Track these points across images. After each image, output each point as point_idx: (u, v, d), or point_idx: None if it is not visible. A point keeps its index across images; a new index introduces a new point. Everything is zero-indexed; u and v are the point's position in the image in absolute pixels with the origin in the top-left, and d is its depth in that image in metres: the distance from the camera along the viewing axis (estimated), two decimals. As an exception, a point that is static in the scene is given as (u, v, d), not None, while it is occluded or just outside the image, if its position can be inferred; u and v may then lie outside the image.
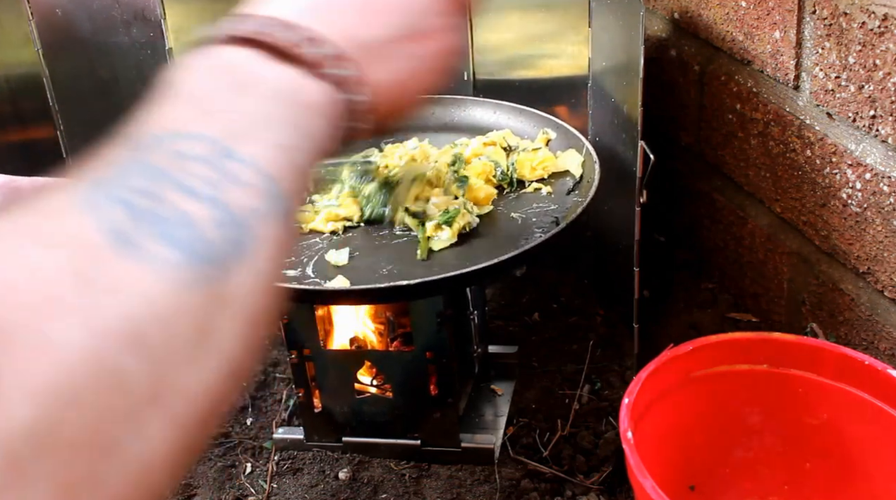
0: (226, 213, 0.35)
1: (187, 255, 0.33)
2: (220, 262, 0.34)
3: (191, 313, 0.32)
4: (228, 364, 0.34)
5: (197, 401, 0.32)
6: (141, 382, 0.30)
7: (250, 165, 0.38)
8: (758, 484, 0.99)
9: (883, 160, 0.97)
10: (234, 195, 0.36)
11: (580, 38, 1.23)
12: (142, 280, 0.31)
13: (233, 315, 0.34)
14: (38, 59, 1.25)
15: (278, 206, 0.38)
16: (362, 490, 1.08)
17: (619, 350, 1.27)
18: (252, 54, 0.43)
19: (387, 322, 1.09)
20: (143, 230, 0.32)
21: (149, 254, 0.32)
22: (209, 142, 0.38)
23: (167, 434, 0.31)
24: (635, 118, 1.07)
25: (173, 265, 0.32)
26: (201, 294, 0.33)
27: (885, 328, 1.03)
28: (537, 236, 0.96)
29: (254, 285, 0.35)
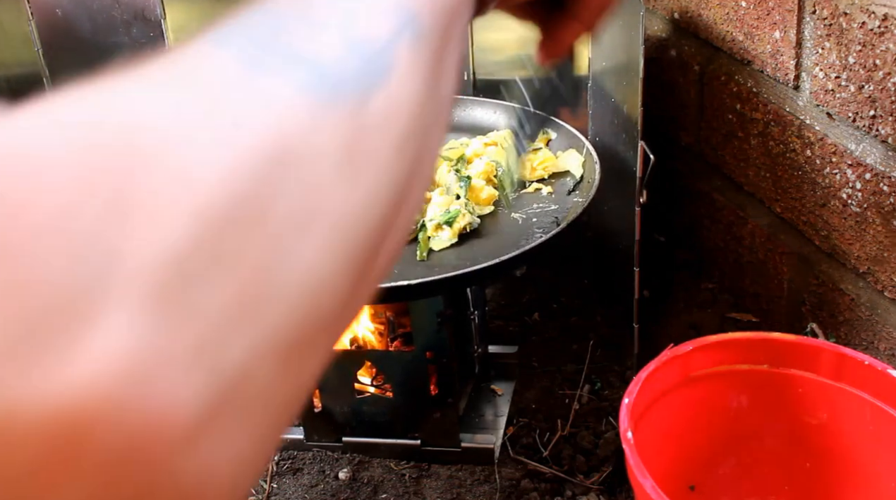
0: (356, 37, 0.34)
1: (318, 77, 0.32)
2: (354, 85, 0.33)
3: (331, 134, 0.31)
4: (386, 185, 0.33)
5: (356, 220, 0.31)
6: (292, 202, 0.29)
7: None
8: (758, 484, 0.99)
9: (883, 160, 0.97)
10: (365, 22, 0.35)
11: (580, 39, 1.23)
12: (277, 100, 0.30)
13: (379, 138, 0.33)
14: (38, 59, 1.25)
15: (413, 28, 0.37)
16: (362, 490, 1.08)
17: (619, 350, 1.27)
18: None
19: (387, 322, 1.09)
20: (277, 57, 0.31)
21: (285, 76, 0.31)
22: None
23: (329, 255, 0.30)
24: (635, 118, 1.07)
25: (310, 85, 0.31)
26: (339, 116, 0.32)
27: (885, 328, 1.03)
28: (538, 237, 0.96)
29: (398, 108, 0.34)
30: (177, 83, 0.30)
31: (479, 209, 1.02)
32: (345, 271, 0.31)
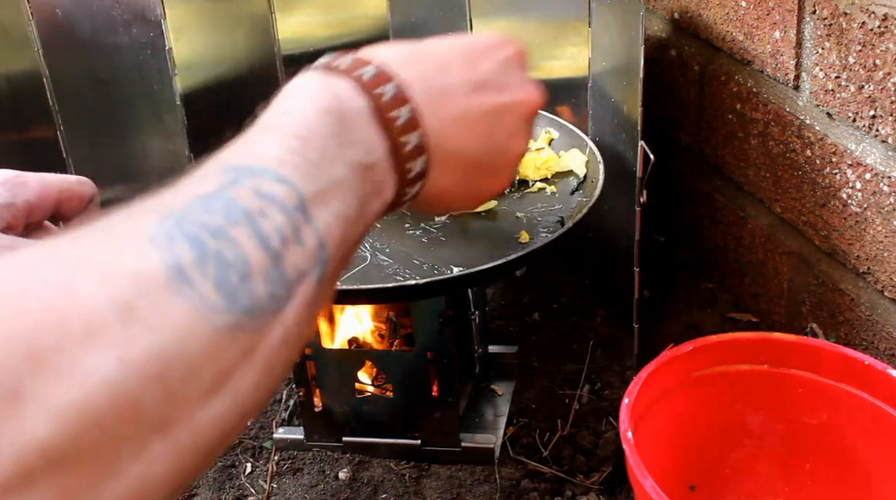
0: (279, 270, 0.37)
1: (233, 303, 0.34)
2: (259, 315, 0.35)
3: (218, 357, 0.34)
4: (240, 406, 0.36)
5: (203, 434, 0.34)
6: (154, 412, 0.32)
7: (315, 227, 0.39)
8: (758, 484, 0.99)
9: (883, 160, 0.97)
10: (293, 254, 0.37)
11: (580, 39, 1.23)
12: (185, 320, 0.33)
13: (255, 364, 0.36)
14: (38, 59, 1.25)
15: (321, 270, 0.39)
16: (362, 490, 1.08)
17: (619, 350, 1.27)
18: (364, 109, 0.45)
19: (388, 322, 1.09)
20: (202, 272, 0.34)
21: (199, 296, 0.33)
22: (294, 193, 0.39)
23: (169, 461, 0.33)
24: (635, 118, 1.07)
25: (218, 311, 0.34)
26: (233, 341, 0.34)
27: (885, 328, 1.03)
28: (543, 236, 0.96)
29: (280, 341, 0.37)
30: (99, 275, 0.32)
31: None
32: (178, 475, 0.34)
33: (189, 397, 0.33)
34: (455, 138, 0.49)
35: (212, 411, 0.34)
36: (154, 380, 0.31)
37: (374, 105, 0.45)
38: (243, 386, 0.35)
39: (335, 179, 0.41)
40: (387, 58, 0.48)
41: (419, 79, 0.48)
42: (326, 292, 0.41)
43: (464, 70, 0.51)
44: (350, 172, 0.42)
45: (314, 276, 0.39)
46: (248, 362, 0.35)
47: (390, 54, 0.49)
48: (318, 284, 0.39)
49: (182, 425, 0.33)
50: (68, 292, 0.31)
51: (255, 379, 0.36)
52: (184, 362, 0.32)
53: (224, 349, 0.34)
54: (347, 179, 0.42)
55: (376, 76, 0.46)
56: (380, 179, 0.45)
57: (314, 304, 0.40)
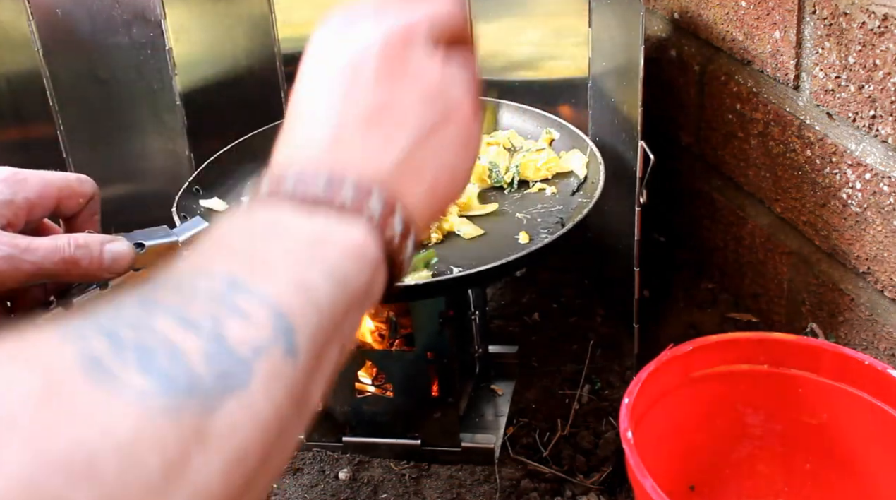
0: (221, 346, 0.34)
1: (164, 384, 0.32)
2: (204, 395, 0.33)
3: (159, 444, 0.31)
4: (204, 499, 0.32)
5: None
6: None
7: (260, 298, 0.37)
8: (758, 484, 0.99)
9: (883, 160, 0.97)
10: (235, 328, 0.35)
11: (580, 39, 1.23)
12: (106, 408, 0.30)
13: (216, 451, 0.33)
14: (38, 59, 1.25)
15: (287, 342, 0.37)
16: (362, 490, 1.08)
17: (619, 350, 1.27)
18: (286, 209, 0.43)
19: (388, 322, 1.09)
20: (122, 359, 0.32)
21: (121, 382, 0.31)
22: (222, 277, 0.37)
23: None
24: (635, 118, 1.07)
25: (146, 394, 0.31)
26: (175, 426, 0.31)
27: (885, 328, 1.03)
28: (543, 237, 0.96)
29: (247, 422, 0.34)
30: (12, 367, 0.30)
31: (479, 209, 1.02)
32: None
33: (131, 493, 0.29)
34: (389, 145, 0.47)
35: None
36: (79, 477, 0.28)
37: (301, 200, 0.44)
38: (203, 476, 0.32)
39: (271, 254, 0.40)
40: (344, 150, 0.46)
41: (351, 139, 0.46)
42: (314, 370, 0.39)
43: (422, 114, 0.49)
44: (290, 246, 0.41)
45: (279, 349, 0.36)
46: (203, 447, 0.32)
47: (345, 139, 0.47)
48: (289, 358, 0.37)
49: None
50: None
51: (219, 467, 0.32)
52: (117, 454, 0.29)
53: (168, 436, 0.31)
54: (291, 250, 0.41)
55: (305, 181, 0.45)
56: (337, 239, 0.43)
57: (294, 381, 0.37)
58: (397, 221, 0.45)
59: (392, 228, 0.45)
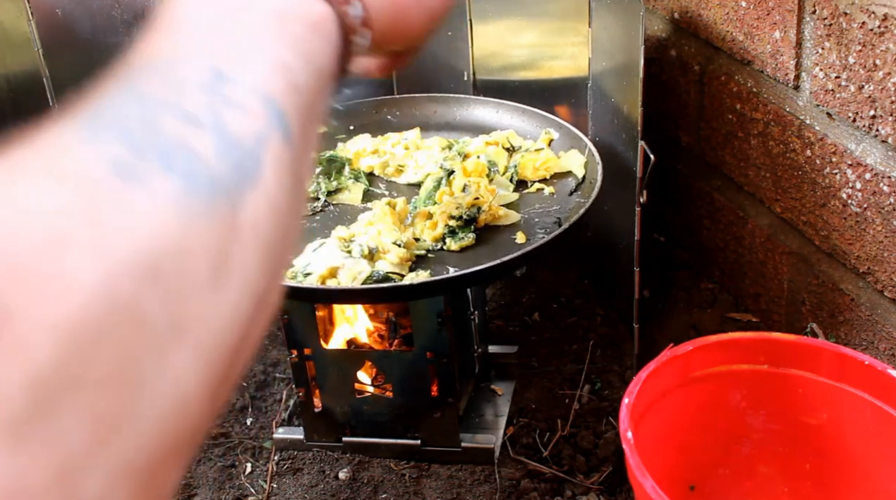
0: (228, 139, 0.34)
1: (192, 185, 0.32)
2: (227, 190, 0.33)
3: (203, 243, 0.31)
4: (251, 292, 0.33)
5: (223, 331, 0.32)
6: (161, 315, 0.29)
7: (249, 86, 0.37)
8: (758, 484, 0.99)
9: (883, 160, 0.97)
10: (235, 119, 0.35)
11: (580, 39, 1.23)
12: (149, 212, 0.30)
13: (249, 243, 0.33)
14: (38, 59, 1.25)
15: (282, 126, 0.37)
16: (362, 490, 1.08)
17: (619, 350, 1.27)
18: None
19: (388, 322, 1.09)
20: (144, 161, 0.31)
21: (153, 186, 0.31)
22: (204, 66, 0.37)
23: (196, 367, 0.30)
24: (635, 118, 1.07)
25: (179, 196, 0.31)
26: (211, 223, 0.32)
27: (885, 328, 1.03)
28: (540, 237, 0.96)
29: (267, 211, 0.35)
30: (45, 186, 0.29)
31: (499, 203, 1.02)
32: (210, 382, 0.31)
33: (193, 294, 0.30)
34: None
35: (225, 304, 0.32)
36: (147, 281, 0.29)
37: None
38: (246, 268, 0.33)
39: (243, 35, 0.39)
40: None
41: None
42: (304, 151, 0.39)
43: None
44: (258, 22, 0.40)
45: (278, 135, 0.36)
46: (240, 241, 0.33)
47: None
48: (287, 142, 0.37)
49: (197, 325, 0.30)
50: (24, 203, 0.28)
51: (256, 259, 0.34)
52: (171, 256, 0.30)
53: (208, 234, 0.31)
54: (260, 28, 0.40)
55: None
56: (300, 11, 0.42)
57: (294, 165, 0.37)
58: (357, 7, 0.45)
59: (352, 11, 0.45)
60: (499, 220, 1.00)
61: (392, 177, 1.12)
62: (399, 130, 1.19)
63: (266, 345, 1.35)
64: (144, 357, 0.28)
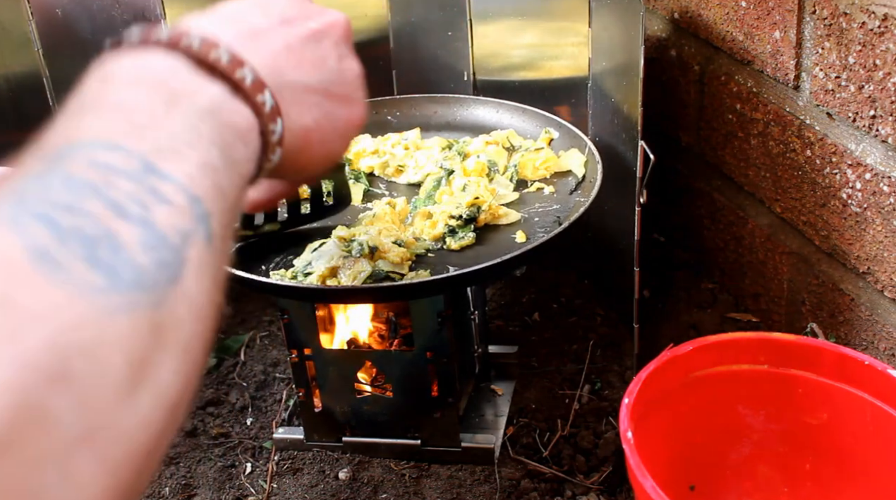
0: (155, 234, 0.33)
1: (115, 280, 0.31)
2: (152, 287, 0.32)
3: (121, 342, 0.30)
4: (165, 399, 0.32)
5: (133, 440, 0.30)
6: (69, 419, 0.28)
7: (177, 183, 0.36)
8: (758, 484, 0.99)
9: (883, 160, 0.97)
10: (163, 215, 0.34)
11: (580, 39, 1.23)
12: (67, 305, 0.29)
13: (168, 345, 0.32)
14: (38, 59, 1.25)
15: (206, 228, 0.36)
16: (362, 490, 1.08)
17: (619, 350, 1.27)
18: (179, 63, 0.43)
19: (388, 322, 1.09)
20: (68, 251, 0.30)
21: (75, 278, 0.30)
22: (133, 156, 0.36)
23: (100, 478, 0.29)
24: (635, 118, 1.07)
25: (101, 291, 0.30)
26: (132, 322, 0.30)
27: (885, 328, 1.03)
28: (540, 236, 0.96)
29: (187, 313, 0.34)
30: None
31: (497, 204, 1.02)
32: (118, 491, 0.29)
33: (106, 397, 0.29)
34: (289, 69, 0.49)
35: (138, 411, 0.30)
36: (58, 380, 0.27)
37: (188, 54, 0.43)
38: (164, 375, 0.32)
39: (175, 131, 0.39)
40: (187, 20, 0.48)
41: (224, 25, 0.47)
42: (222, 255, 0.39)
43: (262, 12, 0.52)
44: (190, 120, 0.40)
45: (201, 234, 0.36)
46: (161, 345, 0.31)
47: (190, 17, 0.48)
48: (208, 243, 0.36)
49: (108, 433, 0.29)
50: None
51: (173, 362, 0.32)
52: (85, 354, 0.28)
53: (129, 334, 0.30)
54: (190, 128, 0.40)
55: (177, 33, 0.44)
56: (231, 118, 0.43)
57: (212, 268, 0.36)
58: (279, 125, 0.47)
59: (274, 128, 0.47)
60: (499, 219, 1.00)
61: (392, 177, 1.12)
62: (399, 131, 1.19)
63: (266, 345, 1.35)
64: (48, 465, 0.27)
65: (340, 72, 0.55)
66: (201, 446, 1.18)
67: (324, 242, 0.97)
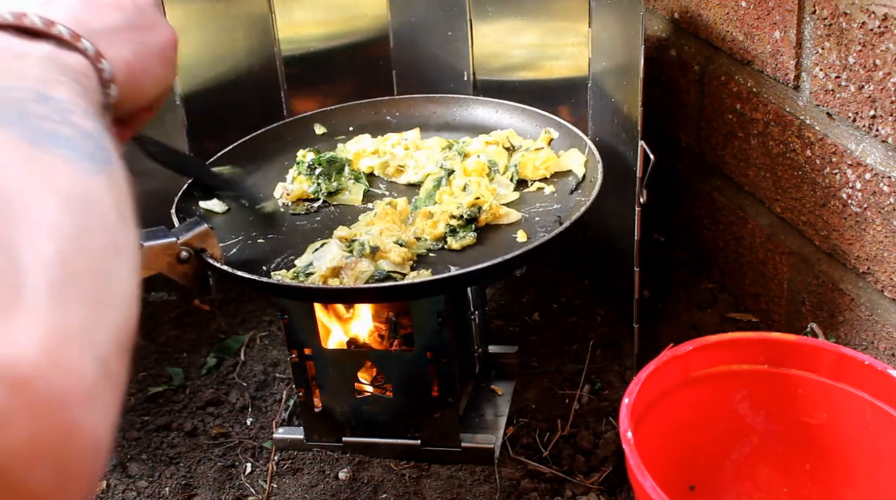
0: (81, 131, 0.43)
1: (82, 155, 0.41)
2: (103, 160, 0.43)
3: (107, 197, 0.41)
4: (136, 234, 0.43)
5: (134, 256, 0.42)
6: (104, 234, 0.39)
7: (68, 101, 0.46)
8: (758, 484, 0.99)
9: (883, 160, 0.97)
10: (76, 119, 0.44)
11: (580, 39, 1.23)
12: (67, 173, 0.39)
13: (125, 199, 0.43)
14: (38, 58, 1.25)
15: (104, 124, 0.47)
16: (362, 490, 1.08)
17: (619, 350, 1.27)
18: (6, 35, 0.50)
19: (388, 322, 1.09)
20: (45, 141, 0.40)
21: (59, 152, 0.40)
22: (26, 88, 0.45)
23: (131, 274, 0.40)
24: (635, 118, 1.07)
25: (77, 162, 0.40)
26: (104, 182, 0.41)
27: (885, 328, 1.03)
28: (540, 236, 0.96)
29: (123, 179, 0.44)
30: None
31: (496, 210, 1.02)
32: (136, 286, 0.41)
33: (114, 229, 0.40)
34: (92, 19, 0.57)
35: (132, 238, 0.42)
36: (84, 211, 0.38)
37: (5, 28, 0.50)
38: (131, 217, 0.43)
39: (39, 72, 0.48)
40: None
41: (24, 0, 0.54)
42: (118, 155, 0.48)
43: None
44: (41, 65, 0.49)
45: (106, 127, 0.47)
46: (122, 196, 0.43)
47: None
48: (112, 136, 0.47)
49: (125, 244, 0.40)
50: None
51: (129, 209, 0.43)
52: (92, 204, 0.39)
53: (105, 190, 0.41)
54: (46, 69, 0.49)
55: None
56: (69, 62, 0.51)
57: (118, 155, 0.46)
58: (106, 64, 0.55)
59: (103, 66, 0.55)
60: (500, 219, 1.00)
61: (392, 177, 1.12)
62: (399, 131, 1.19)
63: (266, 345, 1.35)
64: (103, 263, 0.38)
65: (136, 7, 0.62)
66: (201, 446, 1.18)
67: (325, 243, 0.97)
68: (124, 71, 0.58)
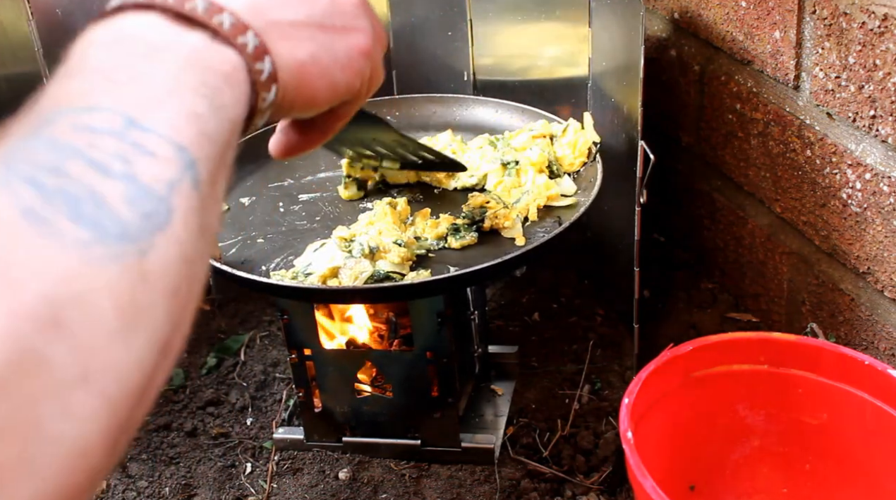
0: (137, 186, 0.35)
1: (99, 232, 0.33)
2: (136, 237, 0.34)
3: (109, 290, 0.32)
4: (157, 340, 0.34)
5: (127, 379, 0.33)
6: (65, 362, 0.30)
7: (159, 134, 0.38)
8: (758, 484, 0.99)
9: (883, 160, 0.97)
10: (145, 167, 0.36)
11: (580, 39, 1.23)
12: (57, 259, 0.31)
13: (156, 290, 0.35)
14: (38, 59, 1.25)
15: (192, 174, 0.38)
16: (362, 490, 1.08)
17: (619, 350, 1.27)
18: (156, 19, 0.44)
19: (388, 322, 1.09)
20: (54, 210, 0.32)
21: (62, 233, 0.32)
22: (115, 113, 0.38)
23: (100, 412, 0.31)
24: (635, 118, 1.07)
25: (86, 244, 0.32)
26: (120, 271, 0.33)
27: (885, 328, 1.03)
28: (540, 236, 0.96)
29: (176, 258, 0.36)
30: None
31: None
32: (111, 429, 0.32)
33: (99, 341, 0.31)
34: (271, 8, 0.49)
35: (131, 352, 0.33)
36: (51, 328, 0.30)
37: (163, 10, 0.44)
38: (154, 315, 0.34)
39: (155, 84, 0.40)
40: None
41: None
42: (213, 199, 0.40)
43: None
44: (171, 71, 0.42)
45: (188, 181, 0.38)
46: (148, 288, 0.34)
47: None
48: (196, 190, 0.38)
49: (105, 372, 0.31)
50: None
51: (163, 305, 0.35)
52: (76, 303, 0.31)
53: (113, 281, 0.32)
54: (172, 76, 0.41)
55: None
56: (213, 63, 0.44)
57: (202, 212, 0.38)
58: (267, 63, 0.47)
59: (262, 67, 0.47)
60: (504, 231, 0.99)
61: (441, 184, 1.08)
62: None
63: (266, 345, 1.35)
64: (46, 404, 0.29)
65: (333, 3, 0.55)
66: (201, 446, 1.18)
67: (324, 243, 0.97)
68: (294, 72, 0.50)
